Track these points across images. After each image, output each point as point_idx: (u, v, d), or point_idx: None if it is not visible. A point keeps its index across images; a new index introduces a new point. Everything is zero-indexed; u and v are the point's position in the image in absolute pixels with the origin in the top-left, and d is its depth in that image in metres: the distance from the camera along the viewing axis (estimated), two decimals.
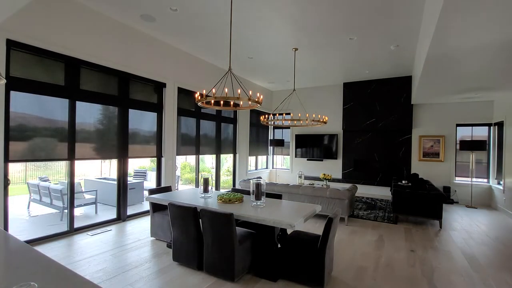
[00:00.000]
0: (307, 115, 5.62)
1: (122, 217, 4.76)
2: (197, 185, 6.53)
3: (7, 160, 3.30)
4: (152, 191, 3.97)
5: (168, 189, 4.22)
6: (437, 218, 4.64)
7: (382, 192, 7.75)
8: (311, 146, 8.91)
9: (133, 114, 4.88)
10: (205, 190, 3.78)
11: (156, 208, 3.90)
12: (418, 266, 3.19)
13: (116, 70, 4.51)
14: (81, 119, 4.09)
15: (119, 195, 4.77)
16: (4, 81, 1.41)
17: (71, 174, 4.00)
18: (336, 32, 4.69)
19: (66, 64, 3.90)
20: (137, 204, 5.90)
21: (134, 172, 8.10)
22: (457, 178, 7.19)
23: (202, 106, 3.68)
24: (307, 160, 9.07)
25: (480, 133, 7.09)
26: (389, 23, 4.31)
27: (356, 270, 3.06)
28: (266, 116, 5.72)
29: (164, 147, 5.45)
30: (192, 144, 6.26)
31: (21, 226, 4.49)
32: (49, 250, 3.43)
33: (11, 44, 3.30)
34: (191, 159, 6.30)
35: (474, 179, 6.92)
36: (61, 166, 3.87)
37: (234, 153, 7.83)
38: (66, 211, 4.33)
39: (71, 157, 3.96)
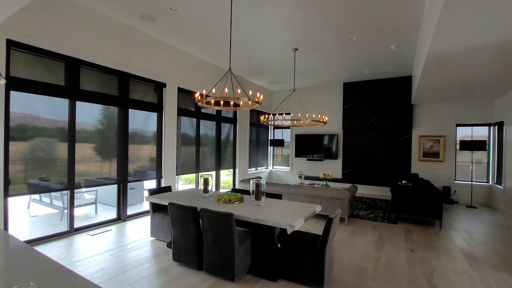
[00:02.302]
0: (307, 115, 5.62)
1: (122, 217, 4.77)
2: (197, 185, 6.53)
3: (7, 195, 3.35)
4: (152, 191, 3.97)
5: (168, 189, 4.22)
6: (437, 218, 4.64)
7: (382, 192, 7.76)
8: (311, 146, 8.90)
9: (133, 114, 4.88)
10: (205, 190, 3.79)
11: (156, 208, 3.90)
12: (418, 266, 3.19)
13: (116, 70, 4.51)
14: (81, 119, 4.09)
15: (119, 195, 4.77)
16: (4, 81, 1.41)
17: (71, 174, 4.00)
18: (336, 32, 4.69)
19: (66, 64, 3.90)
20: (137, 204, 5.90)
21: (134, 172, 8.08)
22: (457, 178, 7.19)
23: (202, 106, 3.68)
24: (307, 160, 9.07)
25: (480, 133, 7.09)
26: (389, 23, 4.31)
27: (356, 270, 3.06)
28: (266, 116, 5.72)
29: (164, 147, 5.45)
30: (192, 144, 6.27)
31: (21, 226, 4.49)
32: (49, 250, 3.43)
33: (11, 44, 3.30)
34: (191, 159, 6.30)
35: (473, 179, 6.92)
36: (61, 166, 3.88)
37: (234, 168, 7.83)
38: (66, 211, 4.33)
39: (71, 185, 4.00)
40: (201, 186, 3.83)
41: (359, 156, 8.19)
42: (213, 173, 7.05)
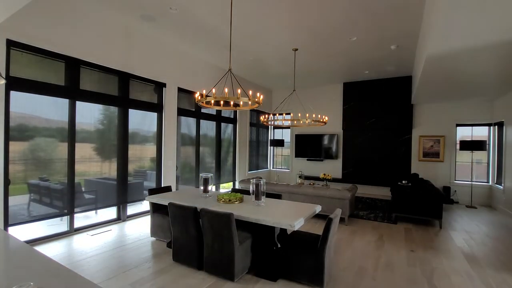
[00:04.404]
0: (307, 115, 5.62)
1: (122, 217, 4.77)
2: (197, 185, 6.52)
3: (7, 225, 3.38)
4: (152, 191, 3.97)
5: (168, 189, 4.22)
6: (437, 218, 4.64)
7: (382, 192, 7.75)
8: (311, 146, 8.90)
9: (133, 114, 4.88)
10: (205, 190, 3.79)
11: (156, 208, 3.90)
12: (418, 266, 3.19)
13: (116, 70, 4.51)
14: (81, 119, 4.09)
15: (119, 195, 4.77)
16: (4, 81, 1.41)
17: (71, 174, 4.00)
18: (336, 32, 4.69)
19: (66, 64, 3.90)
20: (137, 204, 5.90)
21: (134, 172, 8.08)
22: (457, 178, 7.18)
23: (202, 106, 3.68)
24: (307, 160, 9.07)
25: (480, 133, 7.08)
26: (390, 23, 4.31)
27: (356, 270, 3.06)
28: (266, 116, 5.72)
29: (164, 147, 5.45)
30: (192, 144, 6.27)
31: (21, 226, 4.48)
32: (49, 250, 3.43)
33: (11, 44, 3.30)
34: (191, 160, 6.31)
35: (474, 179, 6.92)
36: (61, 166, 3.88)
37: (234, 180, 7.82)
38: (66, 211, 4.32)
39: (70, 210, 4.01)
40: (201, 186, 3.83)
41: (359, 156, 8.19)
42: (213, 170, 7.05)
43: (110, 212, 5.23)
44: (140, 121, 5.07)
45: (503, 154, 6.08)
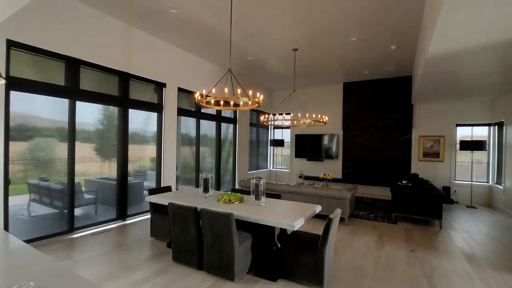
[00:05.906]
0: (307, 115, 5.62)
1: (122, 217, 4.77)
2: (197, 185, 6.53)
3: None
4: (152, 191, 3.97)
5: (168, 189, 4.23)
6: (437, 218, 4.64)
7: (382, 192, 7.75)
8: (311, 146, 8.91)
9: (133, 114, 4.88)
10: (205, 190, 3.79)
11: (156, 208, 3.90)
12: (418, 266, 3.19)
13: (116, 70, 4.51)
14: (81, 119, 4.09)
15: (119, 195, 4.77)
16: (4, 81, 1.41)
17: (71, 174, 4.00)
18: (336, 32, 4.69)
19: (66, 64, 3.90)
20: (137, 204, 5.89)
21: (134, 172, 8.08)
22: (457, 178, 7.18)
23: (202, 106, 3.68)
24: (307, 160, 9.07)
25: (480, 133, 7.08)
26: (390, 23, 4.31)
27: (356, 270, 3.06)
28: (266, 116, 5.72)
29: (164, 147, 5.45)
30: (192, 144, 6.27)
31: (21, 226, 4.48)
32: (49, 250, 3.43)
33: (11, 44, 3.30)
34: (191, 159, 6.31)
35: (474, 179, 6.92)
36: (61, 166, 3.88)
37: (234, 186, 7.82)
38: (66, 211, 4.33)
39: (70, 229, 4.02)
40: (201, 186, 3.83)
41: (359, 156, 8.19)
42: (213, 171, 7.05)
43: (110, 212, 5.22)
44: (140, 121, 5.07)
45: (503, 154, 6.08)
